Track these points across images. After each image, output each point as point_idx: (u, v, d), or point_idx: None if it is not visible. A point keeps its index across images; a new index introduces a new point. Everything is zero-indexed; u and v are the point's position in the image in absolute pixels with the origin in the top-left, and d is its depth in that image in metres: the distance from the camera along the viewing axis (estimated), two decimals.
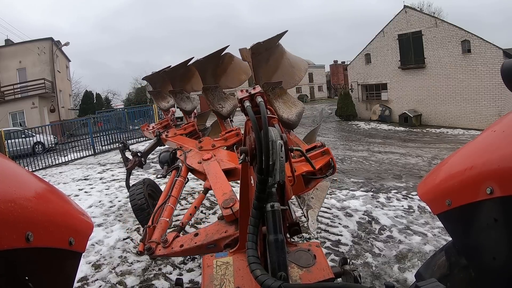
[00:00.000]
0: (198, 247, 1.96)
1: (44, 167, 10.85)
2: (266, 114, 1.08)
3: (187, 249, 1.99)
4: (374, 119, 20.99)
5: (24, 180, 0.81)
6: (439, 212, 1.03)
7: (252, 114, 1.08)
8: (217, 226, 2.00)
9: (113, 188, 6.80)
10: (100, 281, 3.27)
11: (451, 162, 1.07)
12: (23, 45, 23.96)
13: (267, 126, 1.03)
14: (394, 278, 3.06)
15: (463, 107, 17.29)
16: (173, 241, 2.09)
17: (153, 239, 2.15)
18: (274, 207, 1.04)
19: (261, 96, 1.19)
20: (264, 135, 1.00)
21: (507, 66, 0.96)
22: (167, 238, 2.09)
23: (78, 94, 38.04)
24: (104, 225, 4.71)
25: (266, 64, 2.61)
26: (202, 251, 1.97)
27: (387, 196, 5.41)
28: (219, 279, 1.34)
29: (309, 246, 1.48)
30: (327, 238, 3.90)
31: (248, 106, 1.15)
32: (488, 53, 15.96)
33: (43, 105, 23.04)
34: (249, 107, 1.14)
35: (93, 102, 35.46)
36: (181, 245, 2.03)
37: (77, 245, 0.88)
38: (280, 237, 1.00)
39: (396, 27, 19.77)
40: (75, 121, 18.21)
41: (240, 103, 1.23)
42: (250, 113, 1.09)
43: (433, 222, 4.16)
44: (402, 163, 8.68)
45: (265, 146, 1.01)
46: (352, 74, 23.25)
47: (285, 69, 2.70)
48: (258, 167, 1.04)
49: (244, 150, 1.19)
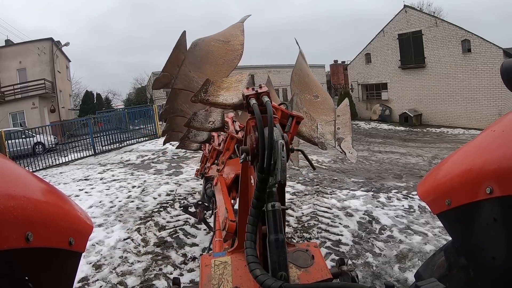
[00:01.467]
0: None
1: (44, 168, 10.86)
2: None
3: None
4: (374, 119, 20.99)
5: (24, 180, 0.81)
6: (439, 211, 1.03)
7: (258, 112, 1.09)
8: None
9: (114, 188, 6.81)
10: (101, 281, 3.27)
11: (451, 161, 1.07)
12: (23, 46, 23.95)
13: (272, 125, 1.03)
14: (394, 278, 3.06)
15: (463, 106, 17.28)
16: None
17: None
18: (275, 207, 1.04)
19: (267, 96, 1.19)
20: (269, 134, 1.00)
21: (506, 66, 0.96)
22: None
23: (78, 94, 38.04)
24: (104, 225, 4.71)
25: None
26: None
27: (388, 196, 5.41)
28: (217, 279, 1.34)
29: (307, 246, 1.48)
30: (328, 238, 3.90)
31: (255, 103, 1.15)
32: (488, 53, 15.95)
33: (43, 105, 23.04)
34: (255, 104, 1.14)
35: (93, 102, 35.45)
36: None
37: (77, 245, 0.88)
38: (280, 236, 1.00)
39: (396, 27, 19.77)
40: (75, 121, 18.21)
41: (245, 100, 1.24)
42: (256, 111, 1.10)
43: (433, 222, 4.16)
44: (402, 163, 8.68)
45: (269, 145, 1.01)
46: (352, 74, 23.25)
47: (219, 52, 2.58)
48: (259, 166, 1.04)
49: (245, 150, 1.19)
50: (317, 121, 2.44)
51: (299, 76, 2.67)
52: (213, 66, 2.56)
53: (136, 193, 6.28)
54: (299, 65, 2.64)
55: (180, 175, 7.57)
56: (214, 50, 2.61)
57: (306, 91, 2.70)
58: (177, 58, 2.79)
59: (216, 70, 2.53)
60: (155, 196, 5.98)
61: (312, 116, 2.37)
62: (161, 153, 10.91)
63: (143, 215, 5.07)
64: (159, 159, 9.99)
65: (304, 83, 2.71)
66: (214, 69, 2.59)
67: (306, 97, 2.65)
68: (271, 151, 1.01)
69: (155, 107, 15.77)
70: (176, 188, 6.45)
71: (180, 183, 6.77)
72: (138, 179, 7.51)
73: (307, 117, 2.28)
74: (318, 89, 2.76)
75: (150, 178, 7.49)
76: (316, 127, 2.32)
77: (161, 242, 4.09)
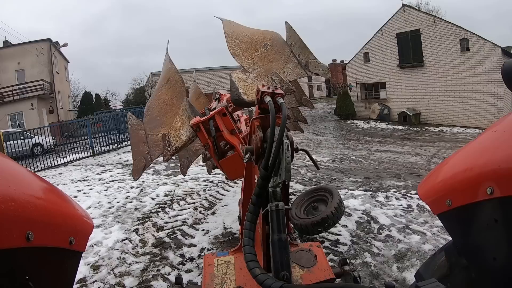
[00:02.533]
0: None
1: (43, 169, 10.83)
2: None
3: None
4: (373, 118, 20.99)
5: (24, 179, 0.81)
6: (439, 212, 1.02)
7: (273, 109, 1.10)
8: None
9: (112, 189, 6.79)
10: (99, 282, 3.26)
11: (452, 162, 1.06)
12: (21, 47, 23.89)
13: (285, 125, 1.03)
14: (393, 278, 3.05)
15: (462, 105, 17.29)
16: None
17: None
18: (279, 207, 1.03)
19: (281, 97, 1.21)
20: (280, 132, 1.00)
21: (507, 66, 0.95)
22: None
23: (77, 95, 37.94)
24: (102, 226, 4.69)
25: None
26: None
27: (386, 195, 5.40)
28: (220, 278, 1.33)
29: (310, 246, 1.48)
30: (326, 238, 3.89)
31: (270, 101, 1.16)
32: (486, 51, 15.95)
33: (41, 106, 23.00)
34: (271, 102, 1.15)
35: (92, 103, 35.35)
36: None
37: (77, 245, 0.88)
38: (283, 236, 1.00)
39: (395, 26, 19.76)
40: (74, 122, 18.16)
41: (258, 96, 1.23)
42: (271, 108, 1.10)
43: (432, 221, 4.15)
44: (401, 162, 8.68)
45: (278, 144, 1.00)
46: (351, 73, 23.25)
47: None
48: (264, 163, 1.04)
49: (249, 149, 1.19)
50: (279, 67, 2.49)
51: (237, 44, 2.70)
52: (171, 109, 2.64)
53: (135, 194, 6.27)
54: (231, 34, 2.68)
55: (178, 175, 7.55)
56: (164, 98, 2.71)
57: (254, 49, 2.73)
58: (139, 140, 2.90)
59: (175, 110, 2.59)
60: (153, 197, 5.96)
61: (275, 70, 2.44)
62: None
63: (141, 216, 5.05)
64: (157, 160, 9.96)
65: (247, 44, 2.74)
66: (173, 110, 2.67)
67: (257, 55, 2.67)
68: (279, 149, 1.01)
69: None
70: (175, 188, 6.44)
71: (179, 184, 6.76)
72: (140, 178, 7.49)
73: (271, 77, 2.36)
74: (262, 37, 2.78)
75: (149, 178, 7.47)
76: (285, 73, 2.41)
77: (159, 242, 4.08)
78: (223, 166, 2.47)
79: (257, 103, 1.27)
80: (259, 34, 2.85)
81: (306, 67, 2.54)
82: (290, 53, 2.64)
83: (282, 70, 2.57)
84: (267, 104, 1.14)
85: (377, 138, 14.73)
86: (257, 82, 2.36)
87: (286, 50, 2.66)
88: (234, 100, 2.24)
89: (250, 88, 2.23)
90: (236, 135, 2.45)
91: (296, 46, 2.69)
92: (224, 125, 2.33)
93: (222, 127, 2.30)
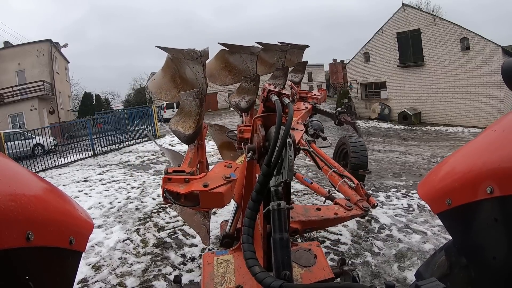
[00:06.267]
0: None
1: (43, 169, 10.85)
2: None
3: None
4: (373, 118, 20.98)
5: (24, 179, 0.81)
6: (439, 211, 1.02)
7: (280, 107, 1.11)
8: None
9: (113, 189, 6.80)
10: (100, 282, 3.26)
11: (452, 161, 1.07)
12: (21, 47, 23.93)
13: (291, 122, 1.04)
14: (393, 277, 3.05)
15: (463, 104, 17.28)
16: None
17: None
18: (281, 206, 1.03)
19: (287, 97, 1.22)
20: (286, 130, 1.01)
21: (507, 65, 0.95)
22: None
23: (77, 96, 38.01)
24: (104, 227, 4.70)
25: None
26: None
27: (387, 195, 5.41)
28: (220, 277, 1.33)
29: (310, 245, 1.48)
30: (327, 237, 3.89)
31: (277, 99, 1.17)
32: (487, 51, 15.95)
33: (42, 107, 23.02)
34: (277, 100, 1.16)
35: (92, 103, 35.41)
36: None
37: (77, 245, 0.87)
38: (285, 235, 1.00)
39: (395, 25, 19.76)
40: (75, 123, 18.17)
41: (264, 94, 1.25)
42: (278, 106, 1.12)
43: (432, 221, 4.15)
44: (401, 161, 8.67)
45: (282, 143, 1.01)
46: (351, 73, 23.25)
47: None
48: (267, 159, 1.04)
49: (251, 148, 1.19)
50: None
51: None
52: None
53: (136, 194, 6.27)
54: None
55: None
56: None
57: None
58: (189, 214, 2.90)
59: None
60: (154, 197, 5.96)
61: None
62: (160, 153, 10.90)
63: (142, 216, 5.06)
64: (158, 160, 9.98)
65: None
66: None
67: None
68: (283, 147, 1.01)
69: (154, 107, 15.75)
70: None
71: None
72: (138, 180, 7.50)
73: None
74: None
75: (150, 178, 7.48)
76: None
77: (160, 242, 4.08)
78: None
79: (261, 101, 1.28)
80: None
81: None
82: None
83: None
84: (273, 103, 1.15)
85: (377, 137, 14.72)
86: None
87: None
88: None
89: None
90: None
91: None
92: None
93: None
